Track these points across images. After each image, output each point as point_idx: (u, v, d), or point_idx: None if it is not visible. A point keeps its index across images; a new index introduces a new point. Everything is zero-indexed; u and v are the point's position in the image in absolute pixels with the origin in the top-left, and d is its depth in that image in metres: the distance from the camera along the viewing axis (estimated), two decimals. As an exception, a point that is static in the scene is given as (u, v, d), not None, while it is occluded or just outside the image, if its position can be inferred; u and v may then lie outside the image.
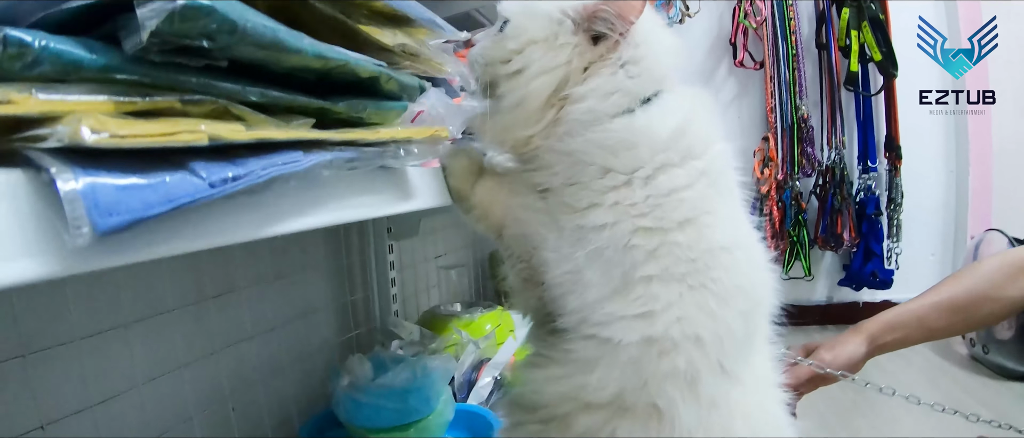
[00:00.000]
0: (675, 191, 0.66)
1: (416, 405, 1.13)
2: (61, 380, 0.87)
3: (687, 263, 0.65)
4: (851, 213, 2.91)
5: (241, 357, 1.21)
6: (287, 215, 0.41)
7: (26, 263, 0.24)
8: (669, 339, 0.64)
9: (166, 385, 1.04)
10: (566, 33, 0.69)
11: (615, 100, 0.67)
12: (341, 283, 1.56)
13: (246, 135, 0.31)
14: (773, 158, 2.90)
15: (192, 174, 0.28)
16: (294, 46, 0.35)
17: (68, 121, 0.23)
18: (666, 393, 0.65)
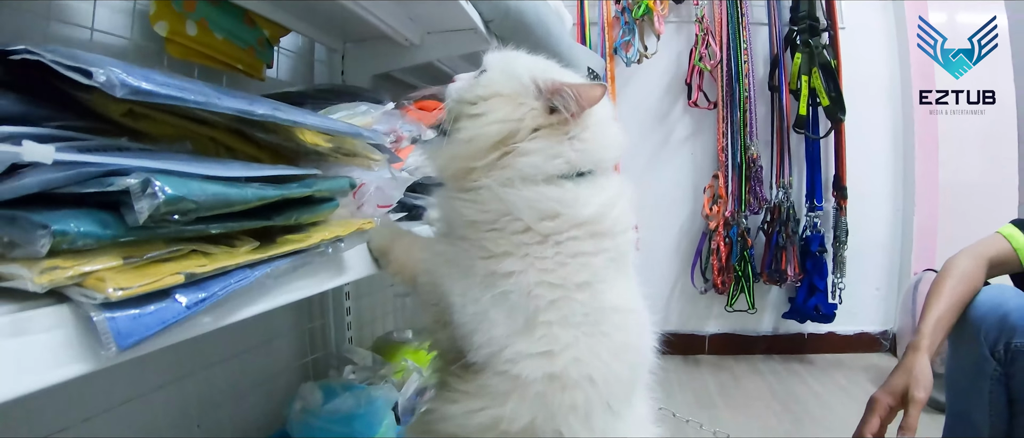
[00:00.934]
0: (580, 255, 0.80)
1: (361, 429, 1.28)
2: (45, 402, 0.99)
3: (582, 315, 0.78)
4: (795, 250, 3.10)
5: (209, 380, 1.35)
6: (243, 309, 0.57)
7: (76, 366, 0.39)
8: (569, 377, 0.77)
9: (140, 406, 1.16)
10: (529, 97, 0.83)
11: (557, 164, 0.81)
12: (301, 311, 1.71)
13: (209, 268, 0.46)
14: (722, 195, 3.09)
15: (174, 301, 0.44)
16: (239, 198, 0.50)
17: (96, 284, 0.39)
18: (569, 424, 0.77)
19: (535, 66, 0.88)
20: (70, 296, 0.40)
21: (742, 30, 3.14)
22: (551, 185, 0.81)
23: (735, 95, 3.13)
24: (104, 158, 0.41)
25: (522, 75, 0.86)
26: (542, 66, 0.90)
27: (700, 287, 3.22)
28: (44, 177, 0.38)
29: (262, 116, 0.56)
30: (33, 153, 0.36)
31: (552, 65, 0.91)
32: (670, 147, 3.36)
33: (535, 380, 0.77)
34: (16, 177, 0.38)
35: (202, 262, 0.47)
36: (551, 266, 0.79)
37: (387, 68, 1.68)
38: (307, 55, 1.68)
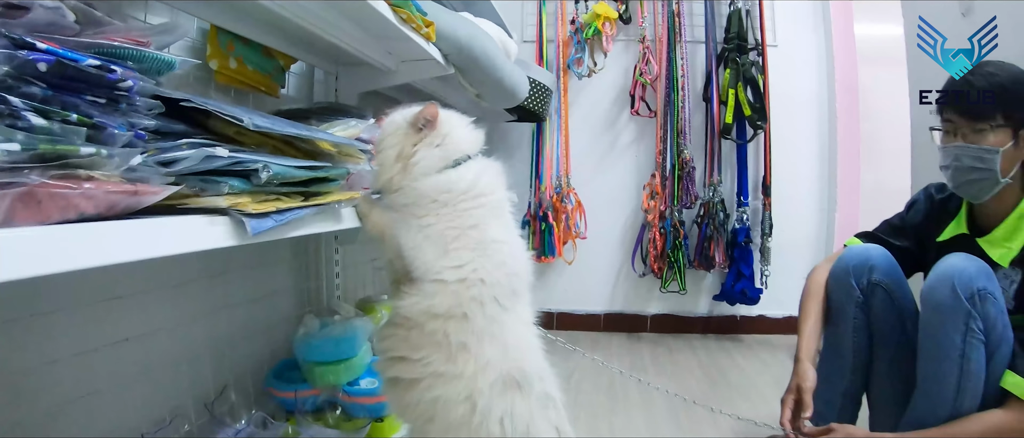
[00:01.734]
0: (468, 212, 1.35)
1: (346, 348, 1.83)
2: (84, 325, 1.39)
3: (475, 244, 1.33)
4: (722, 240, 3.65)
5: (230, 319, 1.88)
6: (296, 229, 1.13)
7: (233, 240, 0.94)
8: (470, 280, 1.30)
9: (170, 336, 1.65)
10: (401, 128, 1.38)
11: (434, 161, 1.35)
12: (300, 273, 2.25)
13: (284, 205, 1.02)
14: (659, 192, 3.65)
15: (271, 218, 0.98)
16: (299, 175, 1.06)
17: (243, 206, 0.93)
18: (471, 309, 1.30)
19: (405, 112, 1.41)
20: (229, 213, 0.94)
21: (679, 48, 3.68)
22: (439, 174, 1.36)
23: (672, 105, 3.68)
24: (245, 154, 0.96)
25: (397, 119, 1.40)
26: (408, 110, 1.41)
27: (639, 271, 3.79)
28: (222, 163, 0.93)
29: (308, 135, 1.12)
30: (222, 152, 0.92)
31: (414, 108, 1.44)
32: (617, 151, 3.93)
33: (451, 281, 1.30)
34: (210, 162, 0.92)
35: (281, 203, 1.02)
36: (452, 218, 1.34)
37: (372, 87, 2.21)
38: (309, 77, 2.23)
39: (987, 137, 1.74)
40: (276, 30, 1.73)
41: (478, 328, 1.30)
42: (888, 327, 1.95)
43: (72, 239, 0.69)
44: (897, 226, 2.13)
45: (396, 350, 1.35)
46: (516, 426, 1.28)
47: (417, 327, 1.31)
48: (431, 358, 1.30)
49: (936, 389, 1.74)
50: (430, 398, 1.30)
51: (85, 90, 0.76)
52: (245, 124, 0.98)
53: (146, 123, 0.86)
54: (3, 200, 0.63)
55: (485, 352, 1.30)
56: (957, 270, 1.70)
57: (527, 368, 1.34)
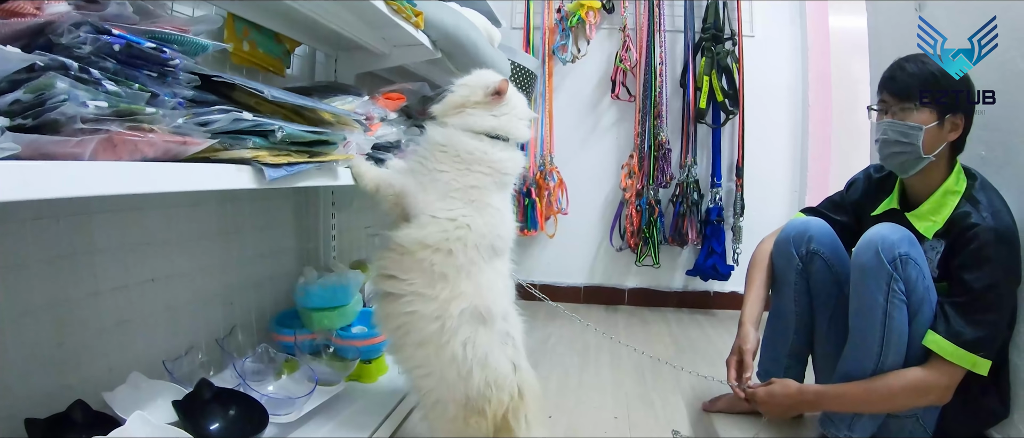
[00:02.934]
0: (477, 175, 1.62)
1: (340, 296, 2.10)
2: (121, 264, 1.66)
3: (472, 201, 1.60)
4: (695, 218, 3.88)
5: (239, 271, 2.14)
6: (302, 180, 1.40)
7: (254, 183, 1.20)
8: (459, 222, 1.57)
9: (193, 278, 1.94)
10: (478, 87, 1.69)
11: (483, 124, 1.66)
12: (301, 235, 2.52)
13: (293, 159, 1.28)
14: (636, 172, 3.89)
15: (284, 169, 1.24)
16: (307, 137, 1.33)
17: (262, 158, 1.20)
18: (456, 247, 1.54)
19: (492, 76, 1.72)
20: (250, 163, 1.20)
21: (658, 37, 3.92)
22: (478, 138, 1.64)
23: (650, 90, 3.92)
24: (263, 118, 1.22)
25: (482, 77, 1.73)
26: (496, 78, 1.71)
27: (617, 246, 4.05)
28: (247, 124, 1.19)
29: (313, 106, 1.39)
30: (247, 116, 1.18)
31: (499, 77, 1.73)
32: (598, 132, 4.17)
33: (444, 218, 1.57)
34: (237, 123, 1.18)
35: (292, 158, 1.29)
36: (462, 175, 1.61)
37: (368, 68, 2.46)
38: (311, 59, 2.49)
39: (913, 115, 1.90)
40: (284, 18, 2.00)
41: (458, 264, 1.56)
42: (826, 292, 2.15)
43: (142, 172, 0.96)
44: (838, 202, 2.33)
45: (389, 269, 1.61)
46: (476, 352, 1.54)
47: (409, 253, 1.57)
48: (415, 280, 1.56)
49: (863, 344, 1.90)
50: (408, 311, 1.56)
51: (143, 66, 1.02)
52: (265, 95, 1.25)
53: (186, 93, 1.12)
54: (91, 143, 0.88)
55: (460, 285, 1.56)
56: (881, 236, 1.85)
57: (493, 307, 1.59)
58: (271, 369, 1.92)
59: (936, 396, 1.85)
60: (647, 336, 3.51)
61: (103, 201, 1.59)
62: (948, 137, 1.91)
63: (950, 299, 1.84)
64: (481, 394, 1.54)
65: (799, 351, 2.27)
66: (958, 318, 1.80)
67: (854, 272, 1.94)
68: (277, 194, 2.36)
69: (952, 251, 1.87)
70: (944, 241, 1.90)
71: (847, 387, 1.94)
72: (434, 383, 1.58)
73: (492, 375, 1.55)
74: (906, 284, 1.82)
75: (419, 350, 1.57)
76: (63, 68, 0.85)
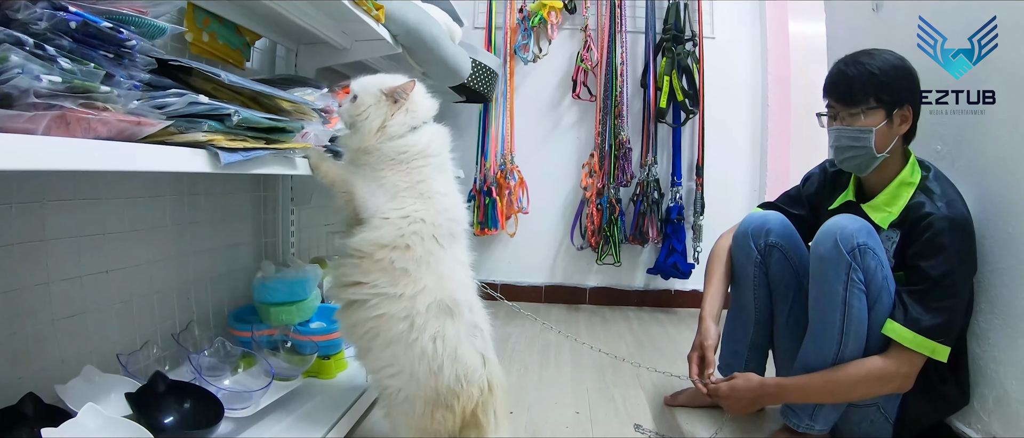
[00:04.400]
0: (418, 169, 1.63)
1: (299, 291, 2.09)
2: (70, 256, 1.62)
3: (419, 193, 1.61)
4: (656, 217, 3.91)
5: (195, 264, 2.12)
6: (256, 167, 1.39)
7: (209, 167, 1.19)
8: (412, 218, 1.58)
9: (148, 271, 1.92)
10: (383, 102, 1.64)
11: (400, 127, 1.63)
12: (259, 229, 2.51)
13: (250, 145, 1.28)
14: (596, 171, 3.92)
15: (239, 153, 1.24)
16: (264, 123, 1.32)
17: (218, 142, 1.19)
18: (413, 242, 1.57)
19: (379, 81, 1.66)
20: (205, 147, 1.20)
21: (619, 37, 3.96)
22: (402, 138, 1.63)
23: (610, 90, 3.96)
24: (220, 103, 1.22)
25: (374, 89, 1.64)
26: (381, 79, 1.67)
27: (578, 245, 4.06)
28: (202, 108, 1.18)
29: (270, 92, 1.38)
30: (204, 100, 1.17)
31: (385, 76, 1.70)
32: (559, 131, 4.20)
33: (395, 219, 1.58)
34: (193, 106, 1.18)
35: (248, 143, 1.28)
36: (404, 174, 1.62)
37: (328, 63, 2.45)
38: (271, 53, 2.48)
39: (861, 119, 1.93)
40: (245, 10, 1.99)
41: (417, 257, 1.57)
42: (785, 284, 2.18)
43: (95, 150, 0.95)
44: (794, 196, 2.37)
45: (350, 276, 1.61)
46: (446, 346, 1.55)
47: (367, 256, 1.58)
48: (379, 281, 1.57)
49: (823, 333, 1.92)
50: (376, 315, 1.56)
51: (99, 46, 1.01)
52: (222, 79, 1.25)
53: (142, 76, 1.11)
54: (44, 119, 0.87)
55: (423, 278, 1.56)
56: (839, 227, 1.87)
57: (458, 298, 1.60)
58: (227, 364, 1.90)
59: (897, 384, 1.87)
60: (608, 334, 3.53)
61: (57, 189, 1.57)
62: (899, 131, 1.94)
63: (907, 288, 1.86)
64: (450, 389, 1.54)
65: (759, 344, 2.30)
66: (916, 306, 1.82)
67: (813, 262, 1.97)
68: (235, 188, 2.35)
69: (907, 241, 1.90)
70: (899, 231, 1.93)
71: (809, 378, 1.96)
72: (403, 381, 1.58)
73: (462, 369, 1.55)
74: (865, 273, 1.85)
75: (387, 350, 1.57)
76: (18, 43, 0.85)
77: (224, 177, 1.46)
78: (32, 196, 1.51)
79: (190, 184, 2.05)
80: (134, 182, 1.83)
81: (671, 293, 4.23)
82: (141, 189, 1.87)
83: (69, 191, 1.61)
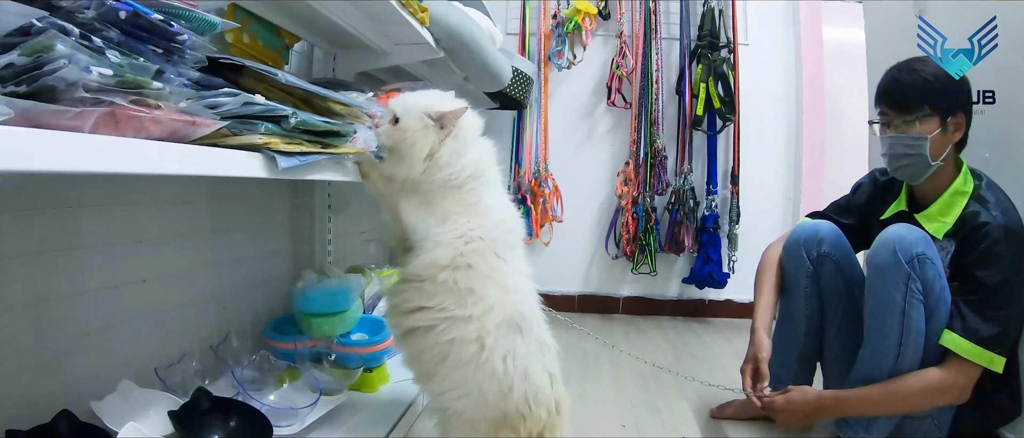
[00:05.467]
0: (470, 190, 1.52)
1: (341, 301, 1.99)
2: (108, 263, 1.52)
3: (472, 212, 1.51)
4: (692, 225, 3.81)
5: (232, 273, 2.02)
6: (315, 173, 1.29)
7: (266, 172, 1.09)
8: (468, 236, 1.47)
9: (184, 279, 1.81)
10: (430, 127, 1.50)
11: (452, 155, 1.50)
12: (296, 237, 2.40)
13: (306, 149, 1.17)
14: (632, 179, 3.82)
15: (296, 158, 1.14)
16: (321, 126, 1.22)
17: (275, 146, 1.09)
18: (474, 260, 1.46)
19: (424, 103, 1.51)
20: (261, 150, 1.10)
21: (654, 44, 3.86)
22: (451, 166, 1.50)
23: (646, 97, 3.86)
24: (278, 106, 1.12)
25: (420, 113, 1.48)
26: (425, 101, 1.52)
27: (613, 254, 3.97)
28: (258, 109, 1.08)
29: (324, 94, 1.28)
30: (260, 100, 1.07)
31: (428, 96, 1.57)
32: (593, 139, 4.09)
33: (450, 240, 1.47)
34: (248, 107, 1.08)
35: (304, 147, 1.18)
36: (455, 199, 1.51)
37: (366, 67, 2.35)
38: (309, 56, 2.38)
39: (916, 126, 1.89)
40: (286, 11, 1.90)
41: (482, 274, 1.46)
42: (836, 294, 2.13)
43: (148, 151, 0.85)
44: (844, 206, 2.32)
45: (412, 302, 1.50)
46: (517, 366, 1.45)
47: (429, 279, 1.47)
48: (445, 303, 1.46)
49: (880, 344, 1.88)
50: (446, 340, 1.45)
51: (148, 39, 0.91)
52: (279, 78, 1.15)
53: (191, 74, 1.01)
54: (92, 116, 0.77)
55: (490, 294, 1.46)
56: (898, 236, 1.85)
57: (526, 312, 1.51)
58: (270, 377, 1.80)
59: (954, 395, 1.85)
60: (644, 344, 3.45)
61: (91, 194, 1.46)
62: (952, 138, 1.92)
63: (964, 297, 1.84)
64: (518, 411, 1.46)
65: (808, 355, 2.25)
66: (973, 316, 1.80)
67: (871, 272, 1.93)
68: (271, 193, 2.25)
69: (963, 250, 1.88)
70: (954, 241, 1.90)
71: (867, 390, 1.90)
72: (469, 404, 1.48)
73: (532, 389, 1.46)
74: (924, 284, 1.82)
75: (455, 372, 1.47)
76: (63, 32, 0.75)
77: (259, 181, 1.36)
78: (64, 201, 1.41)
79: (226, 189, 1.96)
80: (170, 187, 1.74)
81: (705, 302, 4.13)
82: (176, 194, 1.77)
83: (103, 196, 1.51)
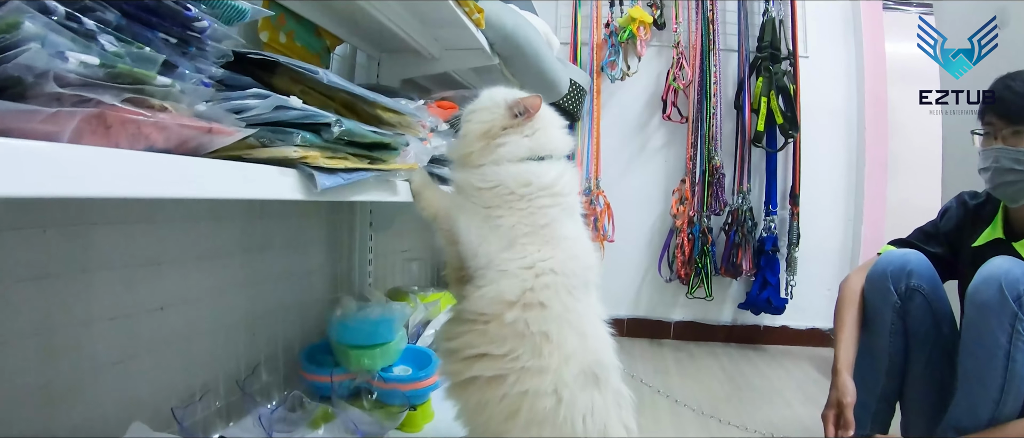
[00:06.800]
0: (544, 210, 1.30)
1: (383, 332, 1.77)
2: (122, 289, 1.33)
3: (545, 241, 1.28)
4: (750, 248, 3.57)
5: (263, 296, 1.81)
6: (359, 193, 1.07)
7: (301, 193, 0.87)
8: (540, 268, 1.25)
9: (205, 308, 1.59)
10: (500, 108, 1.34)
11: (521, 150, 1.32)
12: (333, 256, 2.19)
13: (352, 165, 0.96)
14: (688, 198, 3.58)
15: (338, 175, 0.92)
16: (370, 136, 1.01)
17: (313, 160, 0.87)
18: (545, 295, 1.24)
19: (507, 92, 1.39)
20: (296, 166, 0.88)
21: (712, 56, 3.62)
22: (522, 163, 1.32)
23: (703, 112, 3.62)
24: (318, 112, 0.90)
25: (498, 97, 1.37)
26: (512, 93, 1.39)
27: (666, 276, 3.71)
28: (293, 114, 0.87)
29: (372, 98, 1.06)
30: (295, 102, 0.85)
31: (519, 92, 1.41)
32: (646, 154, 3.86)
33: (516, 270, 1.25)
34: (281, 112, 0.86)
35: (349, 163, 0.96)
36: (525, 214, 1.29)
37: (413, 74, 2.15)
38: (351, 60, 2.17)
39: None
40: (328, 9, 1.70)
41: (557, 315, 1.25)
42: (925, 331, 1.94)
43: (147, 167, 0.63)
44: (930, 232, 2.12)
45: (475, 347, 1.29)
46: (596, 423, 1.24)
47: (495, 319, 1.25)
48: (517, 350, 1.24)
49: (979, 389, 1.72)
50: (517, 392, 1.24)
51: (158, 25, 0.70)
52: (320, 77, 0.93)
53: (213, 71, 0.80)
54: (73, 118, 0.57)
55: (567, 340, 1.25)
56: (1003, 271, 1.68)
57: (604, 361, 1.30)
58: (303, 419, 1.58)
59: None
60: (699, 374, 3.21)
61: (104, 209, 1.26)
62: None
63: None
64: None
65: (889, 396, 2.04)
66: None
67: (970, 309, 1.75)
68: (309, 209, 2.03)
69: None
70: None
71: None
72: None
73: None
74: None
75: (527, 432, 1.25)
76: (44, 11, 0.55)
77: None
78: (74, 218, 1.20)
79: (261, 203, 1.75)
80: (196, 202, 1.52)
81: (760, 329, 3.87)
82: (204, 210, 1.57)
83: (117, 213, 1.30)
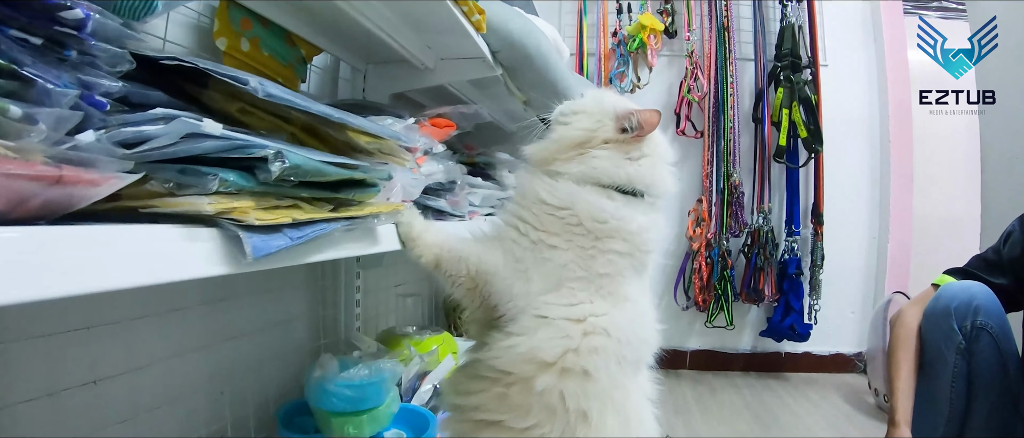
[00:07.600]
0: (610, 255, 1.01)
1: (371, 397, 1.47)
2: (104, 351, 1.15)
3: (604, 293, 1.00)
4: (773, 271, 3.29)
5: (231, 353, 1.53)
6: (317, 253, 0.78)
7: (225, 268, 0.59)
8: (588, 323, 0.97)
9: (178, 365, 1.35)
10: (607, 116, 1.07)
11: (618, 174, 1.05)
12: (316, 299, 1.90)
13: (304, 216, 0.67)
14: (705, 218, 3.29)
15: (284, 235, 0.64)
16: (330, 172, 0.71)
17: (240, 214, 0.59)
18: (592, 362, 0.95)
19: (618, 100, 1.14)
20: (219, 223, 0.60)
21: (729, 65, 3.36)
22: (608, 195, 1.04)
23: (720, 125, 3.35)
24: (249, 136, 0.62)
25: (605, 103, 1.11)
26: (623, 101, 1.14)
27: (682, 304, 3.43)
28: (211, 145, 0.59)
29: (340, 119, 0.77)
30: (211, 127, 0.57)
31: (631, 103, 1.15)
32: (659, 172, 3.56)
33: (560, 321, 0.97)
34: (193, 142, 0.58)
35: (301, 213, 0.68)
36: (587, 255, 1.00)
37: (403, 88, 1.86)
38: (333, 73, 1.89)
39: None
40: (302, 13, 1.42)
41: (601, 391, 0.97)
42: (990, 374, 1.73)
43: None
44: (992, 261, 1.90)
45: (489, 412, 1.01)
46: None
47: (520, 382, 0.98)
48: (544, 430, 0.97)
49: None
50: None
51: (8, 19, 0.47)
52: (251, 87, 0.64)
53: (108, 85, 0.54)
54: None
55: (607, 424, 0.97)
56: None
57: None
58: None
59: None
60: (720, 408, 2.96)
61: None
62: None
63: None
64: None
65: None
66: None
67: None
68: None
69: None
70: None
71: None
72: None
73: None
74: None
75: None
76: None
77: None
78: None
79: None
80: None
81: (781, 356, 3.60)
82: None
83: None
